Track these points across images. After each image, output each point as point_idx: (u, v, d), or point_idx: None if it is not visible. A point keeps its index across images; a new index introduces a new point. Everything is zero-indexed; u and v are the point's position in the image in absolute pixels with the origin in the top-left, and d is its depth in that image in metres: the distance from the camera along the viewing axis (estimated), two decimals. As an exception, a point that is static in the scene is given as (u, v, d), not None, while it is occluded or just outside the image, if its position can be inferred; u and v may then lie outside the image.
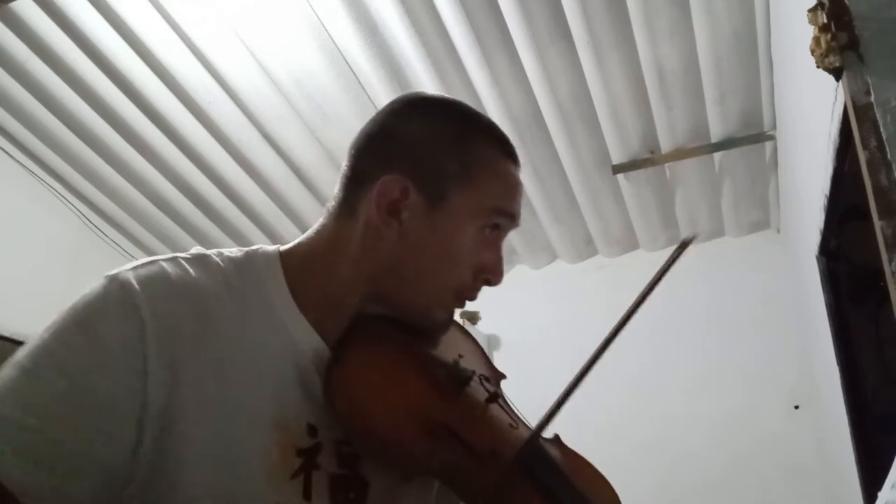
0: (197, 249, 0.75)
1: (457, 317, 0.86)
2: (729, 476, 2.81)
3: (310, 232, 0.79)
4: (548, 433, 0.78)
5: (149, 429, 0.61)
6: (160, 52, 2.49)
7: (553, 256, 3.49)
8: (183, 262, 0.71)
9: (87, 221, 3.16)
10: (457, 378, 0.76)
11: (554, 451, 0.79)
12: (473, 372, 0.78)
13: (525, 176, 2.92)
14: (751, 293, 3.05)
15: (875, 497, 1.04)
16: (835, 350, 1.87)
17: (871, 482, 1.63)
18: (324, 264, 0.76)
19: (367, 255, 0.75)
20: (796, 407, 2.87)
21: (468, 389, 0.76)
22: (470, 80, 2.55)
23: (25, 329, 0.70)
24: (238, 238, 3.32)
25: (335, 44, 2.44)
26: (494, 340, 3.39)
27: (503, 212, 0.77)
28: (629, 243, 3.37)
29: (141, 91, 2.63)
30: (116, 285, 0.65)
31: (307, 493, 0.68)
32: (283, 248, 0.78)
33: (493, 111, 2.66)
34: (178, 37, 2.44)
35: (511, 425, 0.78)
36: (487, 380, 0.83)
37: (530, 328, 3.35)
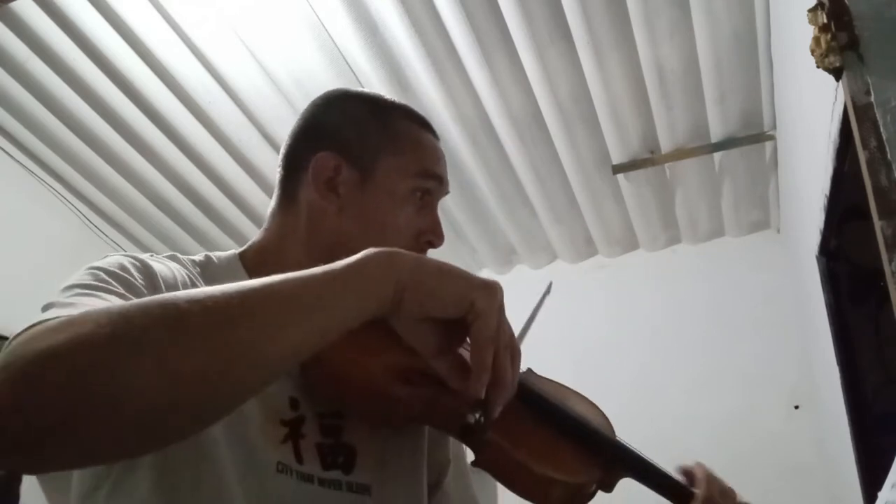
0: (168, 253, 0.82)
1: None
2: (729, 476, 2.78)
3: (259, 232, 0.86)
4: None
5: None
6: (160, 52, 2.49)
7: (553, 256, 3.49)
8: (163, 258, 0.78)
9: (87, 221, 3.16)
10: None
11: (531, 377, 0.84)
12: None
13: (525, 176, 2.94)
14: (751, 293, 3.05)
15: (875, 497, 1.04)
16: (835, 350, 1.87)
17: (871, 482, 1.63)
18: (278, 254, 0.82)
19: (313, 234, 0.81)
20: (796, 407, 2.87)
21: None
22: (470, 80, 2.55)
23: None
24: (238, 238, 3.32)
25: (335, 44, 2.44)
26: (494, 340, 3.39)
27: (430, 174, 0.83)
28: (629, 243, 3.37)
29: (141, 91, 2.63)
30: (128, 257, 0.72)
31: (299, 457, 0.72)
32: (239, 249, 0.85)
33: (493, 111, 2.66)
34: (178, 37, 2.44)
35: None
36: None
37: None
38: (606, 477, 0.76)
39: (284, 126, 3.17)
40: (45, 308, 0.58)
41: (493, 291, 0.60)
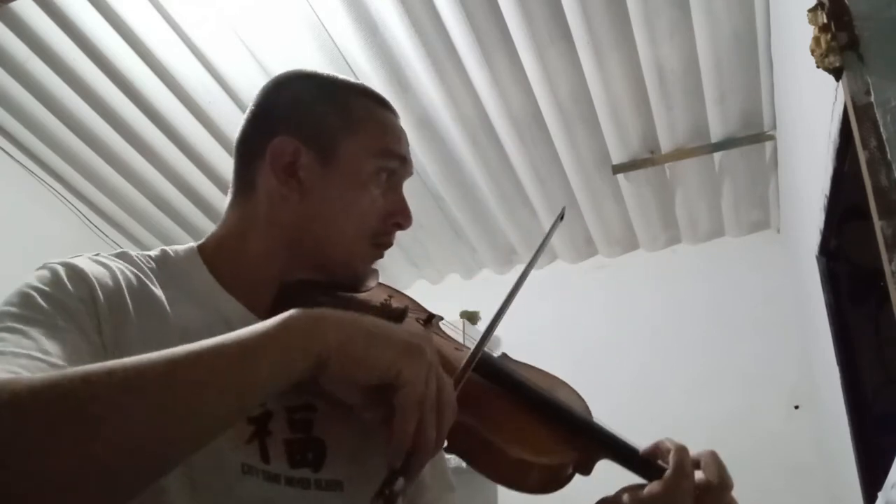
0: (118, 250, 0.79)
1: (457, 316, 0.88)
2: (729, 476, 2.80)
3: (218, 224, 0.83)
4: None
5: None
6: (160, 52, 2.49)
7: (553, 256, 3.49)
8: (111, 256, 0.76)
9: (87, 221, 3.16)
10: (390, 314, 0.78)
11: (505, 361, 0.83)
12: (406, 308, 0.81)
13: (525, 176, 2.94)
14: (751, 293, 3.05)
15: (875, 497, 1.04)
16: (835, 350, 1.87)
17: (871, 482, 1.63)
18: (238, 244, 0.80)
19: (275, 222, 0.78)
20: (796, 407, 2.86)
21: (405, 323, 0.79)
22: (470, 80, 2.55)
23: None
24: (238, 238, 3.32)
25: (335, 44, 2.44)
26: (494, 340, 3.39)
27: (392, 153, 0.81)
28: (629, 243, 3.37)
29: (141, 91, 2.63)
30: (62, 266, 0.70)
31: (265, 456, 0.70)
32: (198, 243, 0.82)
33: (493, 111, 2.66)
34: (178, 37, 2.44)
35: (455, 348, 0.82)
36: (423, 320, 0.86)
37: (530, 328, 3.35)
38: (583, 458, 0.75)
39: (284, 126, 3.13)
40: None
41: (419, 357, 0.59)
